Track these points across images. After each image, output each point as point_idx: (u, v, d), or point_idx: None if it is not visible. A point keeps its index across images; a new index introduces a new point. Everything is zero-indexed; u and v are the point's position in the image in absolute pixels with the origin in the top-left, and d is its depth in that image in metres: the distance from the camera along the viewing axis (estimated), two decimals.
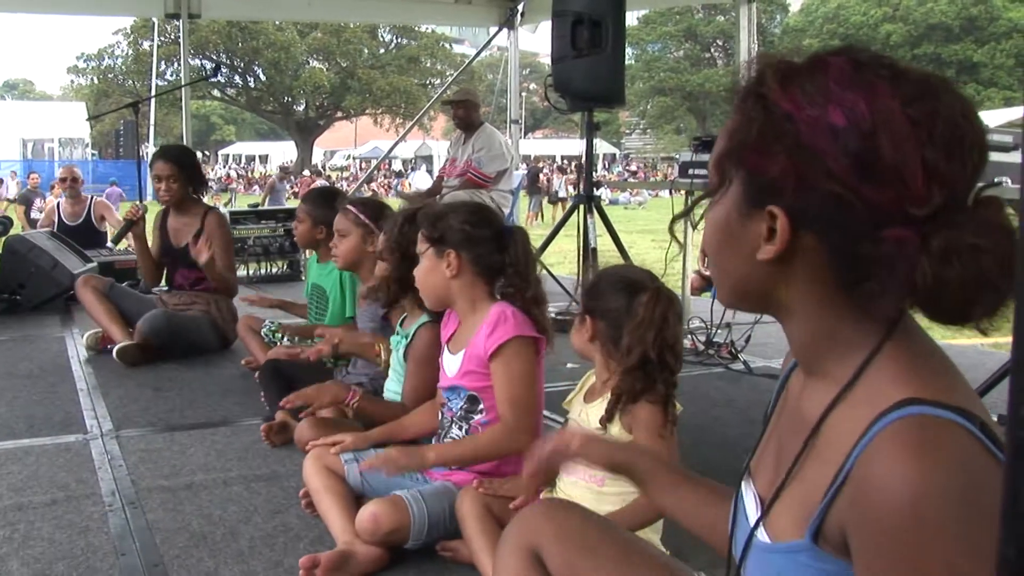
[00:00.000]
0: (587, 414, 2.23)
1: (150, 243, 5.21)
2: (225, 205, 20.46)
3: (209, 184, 5.37)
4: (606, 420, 2.14)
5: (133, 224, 5.06)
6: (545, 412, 2.54)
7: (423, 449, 2.45)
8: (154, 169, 5.04)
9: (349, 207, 3.60)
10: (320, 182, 22.76)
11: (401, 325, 3.01)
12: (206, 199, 5.42)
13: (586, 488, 2.14)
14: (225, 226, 5.13)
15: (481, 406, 2.45)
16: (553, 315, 2.94)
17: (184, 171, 5.03)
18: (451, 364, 2.52)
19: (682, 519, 1.48)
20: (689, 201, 5.17)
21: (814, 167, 0.96)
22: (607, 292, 2.22)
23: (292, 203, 18.44)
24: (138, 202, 5.57)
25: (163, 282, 5.30)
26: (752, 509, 1.18)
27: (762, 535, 1.13)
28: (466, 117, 6.89)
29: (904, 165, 0.94)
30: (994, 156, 3.88)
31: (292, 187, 26.44)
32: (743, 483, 1.24)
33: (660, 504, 1.53)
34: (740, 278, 1.09)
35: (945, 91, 0.97)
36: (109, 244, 6.09)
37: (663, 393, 2.12)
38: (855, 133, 0.95)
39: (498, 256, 2.47)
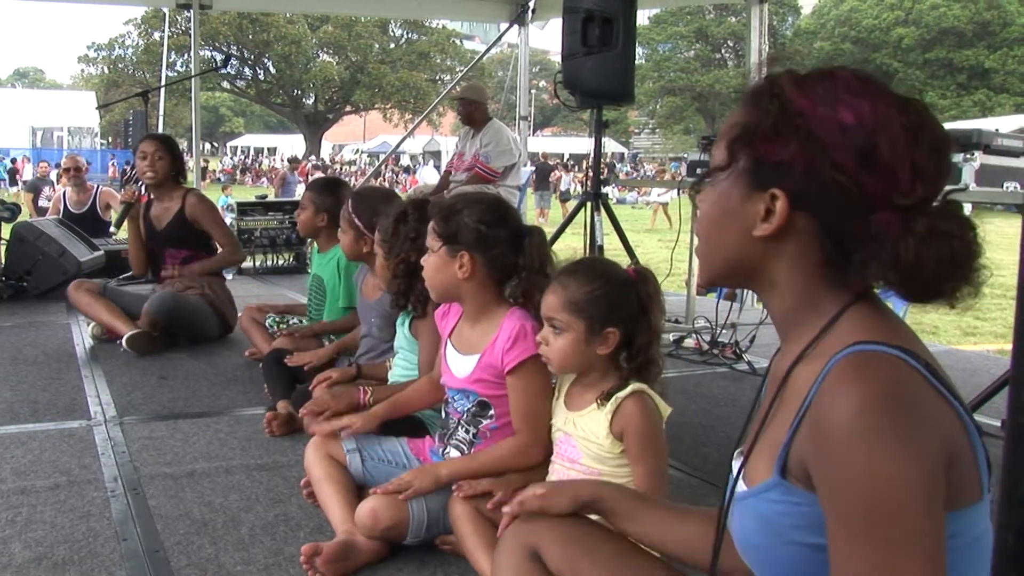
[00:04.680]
0: (575, 424, 2.17)
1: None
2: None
3: (217, 176, 5.40)
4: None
5: (131, 206, 5.11)
6: None
7: (436, 467, 2.39)
8: (140, 149, 5.09)
9: (347, 204, 3.56)
10: (318, 175, 22.76)
11: None
12: (220, 192, 5.47)
13: None
14: (207, 201, 5.24)
15: (492, 412, 2.39)
16: None
17: (170, 152, 5.10)
18: (460, 366, 2.43)
19: (653, 542, 1.58)
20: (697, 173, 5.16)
21: (822, 156, 1.11)
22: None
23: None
24: (134, 185, 5.60)
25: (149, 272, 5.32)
26: (736, 472, 1.29)
27: (740, 487, 1.27)
28: (470, 114, 6.90)
29: (897, 163, 1.11)
30: (1005, 161, 3.89)
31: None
32: (733, 460, 1.33)
33: (630, 532, 1.60)
34: (732, 253, 1.23)
35: (926, 109, 1.15)
36: (111, 230, 6.07)
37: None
38: (860, 131, 1.11)
39: (512, 258, 2.37)
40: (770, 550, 1.21)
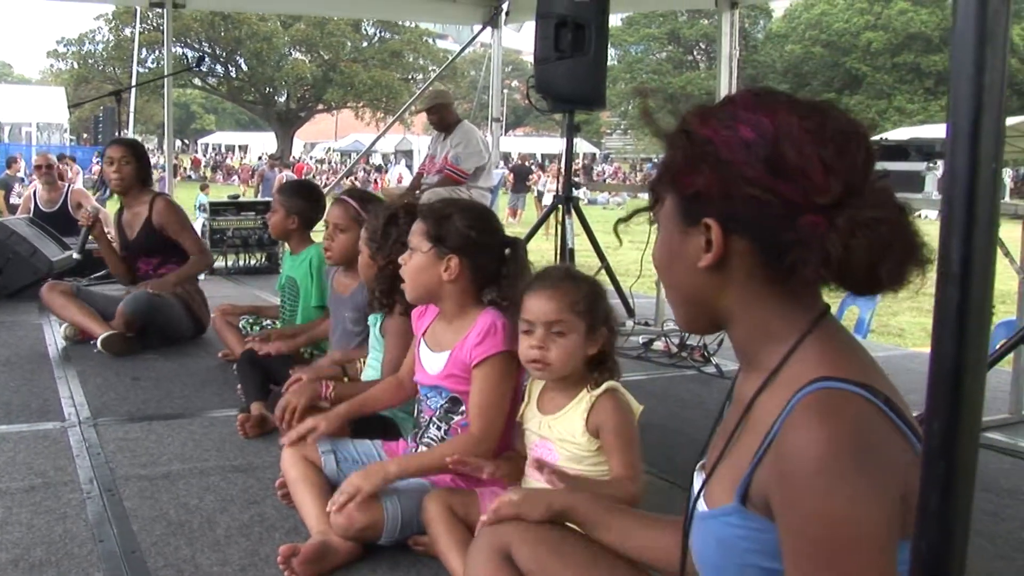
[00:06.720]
0: (550, 427, 2.23)
1: (115, 243, 5.34)
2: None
3: (188, 174, 5.44)
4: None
5: (91, 229, 5.16)
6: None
7: (384, 465, 2.43)
8: (107, 154, 5.17)
9: (348, 200, 3.55)
10: (288, 173, 22.58)
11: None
12: (197, 190, 5.50)
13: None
14: (174, 207, 5.26)
15: (463, 407, 2.45)
16: None
17: (136, 156, 5.16)
18: (432, 362, 2.51)
19: (624, 548, 1.63)
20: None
21: (733, 176, 1.16)
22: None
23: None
24: (87, 209, 5.67)
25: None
26: (697, 488, 1.33)
27: (701, 506, 1.30)
28: (440, 121, 6.93)
29: (806, 164, 1.13)
30: None
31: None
32: (695, 473, 1.37)
33: (602, 539, 1.66)
34: (688, 291, 1.27)
35: (831, 108, 1.19)
36: (75, 256, 5.90)
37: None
38: (763, 143, 1.15)
39: (495, 265, 2.47)
40: (726, 571, 1.25)
